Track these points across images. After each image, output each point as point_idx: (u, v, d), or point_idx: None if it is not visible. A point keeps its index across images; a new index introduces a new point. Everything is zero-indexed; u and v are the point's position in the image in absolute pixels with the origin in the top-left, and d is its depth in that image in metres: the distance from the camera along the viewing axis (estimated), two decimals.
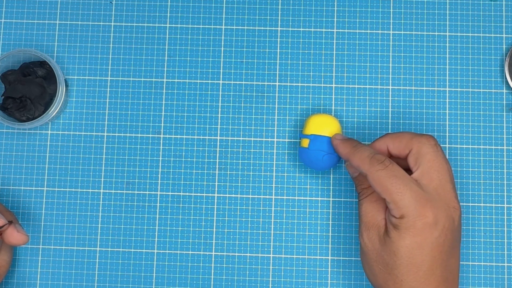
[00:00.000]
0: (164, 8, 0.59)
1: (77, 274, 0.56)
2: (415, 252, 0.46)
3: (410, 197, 0.46)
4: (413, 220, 0.46)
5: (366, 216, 0.49)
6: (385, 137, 0.50)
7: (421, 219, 0.46)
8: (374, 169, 0.47)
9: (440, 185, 0.47)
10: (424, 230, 0.46)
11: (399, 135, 0.49)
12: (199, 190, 0.57)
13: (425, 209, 0.46)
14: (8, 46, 0.59)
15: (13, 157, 0.57)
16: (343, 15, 0.58)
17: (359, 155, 0.49)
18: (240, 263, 0.56)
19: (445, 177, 0.47)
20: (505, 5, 0.58)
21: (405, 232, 0.46)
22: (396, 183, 0.46)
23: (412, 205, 0.46)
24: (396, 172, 0.47)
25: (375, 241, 0.48)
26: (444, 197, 0.47)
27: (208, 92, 0.58)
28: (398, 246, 0.46)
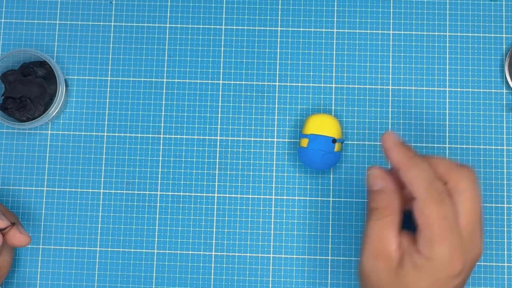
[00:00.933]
0: (164, 8, 0.59)
1: (77, 274, 0.56)
2: None
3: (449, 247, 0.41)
4: (439, 268, 0.42)
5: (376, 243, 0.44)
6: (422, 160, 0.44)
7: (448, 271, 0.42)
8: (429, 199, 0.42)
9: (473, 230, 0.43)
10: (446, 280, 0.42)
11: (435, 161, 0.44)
12: (199, 190, 0.57)
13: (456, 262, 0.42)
14: (8, 46, 0.59)
15: (13, 157, 0.57)
16: (343, 15, 0.58)
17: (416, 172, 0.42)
18: (240, 263, 0.56)
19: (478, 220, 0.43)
20: (505, 5, 0.58)
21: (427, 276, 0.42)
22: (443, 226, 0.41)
23: (447, 255, 0.41)
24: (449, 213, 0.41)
25: (383, 273, 0.43)
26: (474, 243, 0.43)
27: (208, 92, 0.58)
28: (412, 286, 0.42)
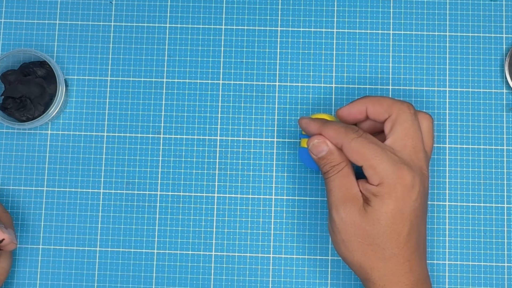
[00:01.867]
0: (164, 8, 0.59)
1: (77, 274, 0.56)
2: (397, 217, 0.47)
3: (388, 161, 0.46)
4: (393, 183, 0.46)
5: (341, 189, 0.48)
6: (364, 99, 0.50)
7: (400, 181, 0.46)
8: (350, 138, 0.47)
9: (414, 152, 0.48)
10: (403, 193, 0.46)
11: (380, 99, 0.49)
12: (199, 190, 0.57)
13: (402, 172, 0.46)
14: (8, 46, 0.59)
15: (13, 157, 0.57)
16: (343, 15, 0.58)
17: (332, 127, 0.49)
18: (240, 263, 0.56)
19: (419, 145, 0.48)
20: (505, 5, 0.58)
21: (387, 197, 0.46)
22: (374, 149, 0.47)
23: (390, 169, 0.46)
24: (372, 139, 0.47)
25: (354, 214, 0.47)
26: (417, 164, 0.47)
27: (208, 92, 0.58)
28: (381, 213, 0.47)
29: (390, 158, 0.47)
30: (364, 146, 0.47)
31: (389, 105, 0.49)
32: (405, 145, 0.48)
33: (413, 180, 0.47)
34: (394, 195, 0.46)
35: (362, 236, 0.47)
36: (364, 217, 0.47)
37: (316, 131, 0.50)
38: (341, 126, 0.49)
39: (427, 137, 0.50)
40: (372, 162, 0.47)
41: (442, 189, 0.56)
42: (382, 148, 0.47)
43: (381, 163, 0.46)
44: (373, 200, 0.47)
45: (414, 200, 0.47)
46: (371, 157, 0.47)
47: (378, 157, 0.46)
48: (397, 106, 0.48)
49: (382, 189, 0.47)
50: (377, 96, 0.50)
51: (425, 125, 0.50)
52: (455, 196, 0.56)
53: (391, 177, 0.46)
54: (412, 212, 0.47)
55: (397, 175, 0.46)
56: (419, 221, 0.48)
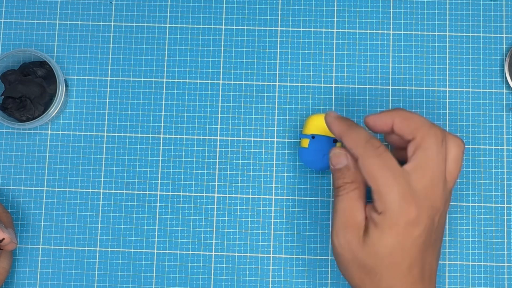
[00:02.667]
0: (164, 8, 0.59)
1: (77, 274, 0.56)
2: (397, 251, 0.45)
3: (397, 193, 0.44)
4: (395, 217, 0.44)
5: (345, 214, 0.47)
6: (394, 112, 0.47)
7: (403, 216, 0.44)
8: (367, 155, 0.45)
9: (431, 185, 0.45)
10: (405, 229, 0.44)
11: (410, 116, 0.46)
12: (199, 190, 0.57)
13: (409, 206, 0.44)
14: (8, 46, 0.59)
15: (13, 157, 0.57)
16: (343, 15, 0.58)
17: (354, 135, 0.46)
18: (240, 263, 0.56)
19: (438, 177, 0.45)
20: (505, 5, 0.58)
21: (387, 230, 0.44)
22: (386, 175, 0.44)
23: (397, 201, 0.44)
24: (389, 163, 0.45)
25: (353, 242, 0.46)
26: (430, 197, 0.45)
27: (208, 92, 0.58)
28: (379, 246, 0.45)
29: (400, 189, 0.44)
30: (378, 168, 0.44)
31: (417, 126, 0.46)
32: (424, 175, 0.45)
33: (418, 217, 0.44)
34: (395, 230, 0.44)
35: (359, 265, 0.46)
36: (363, 247, 0.45)
37: (338, 135, 0.48)
38: (363, 138, 0.46)
39: (453, 166, 0.47)
40: (380, 189, 0.44)
41: None
42: (396, 176, 0.44)
43: (389, 193, 0.44)
44: (373, 231, 0.45)
45: (417, 236, 0.45)
46: (381, 184, 0.44)
47: (388, 185, 0.44)
48: (424, 130, 0.46)
49: (384, 220, 0.44)
50: (408, 112, 0.47)
51: (454, 152, 0.47)
52: (455, 196, 0.56)
53: (396, 210, 0.44)
54: (414, 247, 0.45)
55: (402, 209, 0.44)
56: (424, 255, 0.46)
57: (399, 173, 0.45)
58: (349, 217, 0.47)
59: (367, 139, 0.46)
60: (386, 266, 0.45)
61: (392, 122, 0.47)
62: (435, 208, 0.45)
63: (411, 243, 0.45)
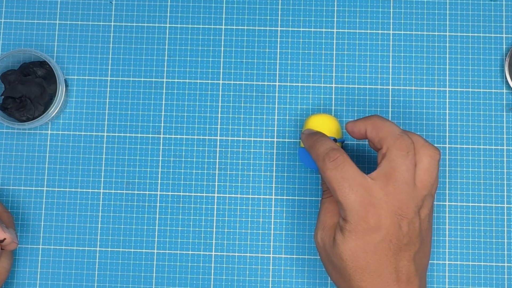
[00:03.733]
0: (164, 8, 0.59)
1: (77, 274, 0.56)
2: (359, 255, 0.46)
3: (354, 202, 0.46)
4: (355, 223, 0.46)
5: (325, 216, 0.50)
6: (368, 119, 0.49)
7: (362, 224, 0.46)
8: (325, 168, 0.47)
9: (393, 193, 0.46)
10: (365, 235, 0.46)
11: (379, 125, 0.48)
12: (199, 190, 0.57)
13: (367, 214, 0.46)
14: (8, 46, 0.59)
15: (13, 157, 0.57)
16: (343, 15, 0.58)
17: (315, 149, 0.48)
18: (240, 263, 0.56)
19: (402, 187, 0.46)
20: (505, 5, 0.58)
21: (348, 235, 0.46)
22: (343, 186, 0.46)
23: (355, 209, 0.46)
24: (346, 173, 0.46)
25: (326, 243, 0.48)
26: (393, 204, 0.46)
27: (208, 92, 0.58)
28: (342, 249, 0.46)
29: (358, 197, 0.46)
30: (334, 180, 0.46)
31: (384, 136, 0.47)
32: (386, 183, 0.46)
33: (378, 223, 0.46)
34: (355, 235, 0.46)
35: (332, 264, 0.48)
36: (332, 248, 0.48)
37: (307, 148, 0.50)
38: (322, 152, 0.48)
39: (424, 174, 0.47)
40: (339, 198, 0.46)
41: (442, 189, 0.56)
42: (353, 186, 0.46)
43: (346, 202, 0.46)
44: (338, 235, 0.47)
45: (379, 241, 0.46)
46: (339, 194, 0.46)
47: (345, 195, 0.46)
48: (390, 140, 0.47)
49: (346, 226, 0.46)
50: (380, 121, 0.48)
51: (425, 162, 0.48)
52: (455, 196, 0.56)
53: (354, 216, 0.46)
54: (378, 251, 0.46)
55: (360, 216, 0.46)
56: (393, 259, 0.46)
57: (357, 182, 0.46)
58: (327, 218, 0.50)
59: (326, 152, 0.48)
60: (351, 268, 0.47)
61: (365, 130, 0.49)
62: (399, 215, 0.46)
63: (374, 247, 0.46)
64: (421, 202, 0.47)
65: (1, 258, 0.52)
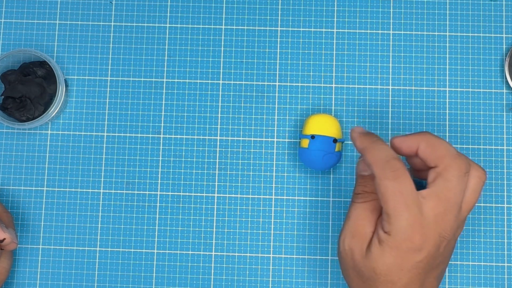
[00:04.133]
0: (164, 8, 0.59)
1: (77, 274, 0.56)
2: (394, 271, 0.45)
3: (405, 220, 0.44)
4: (399, 241, 0.44)
5: (356, 223, 0.47)
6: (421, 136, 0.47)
7: (407, 243, 0.44)
8: (384, 176, 0.45)
9: (443, 213, 0.45)
10: (407, 254, 0.45)
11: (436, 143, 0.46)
12: (199, 190, 0.57)
13: (414, 234, 0.44)
14: (8, 46, 0.59)
15: (13, 157, 0.57)
16: (343, 15, 0.58)
17: (375, 153, 0.46)
18: (240, 263, 0.56)
19: (452, 209, 0.45)
20: (505, 5, 0.58)
21: (388, 251, 0.45)
22: (398, 200, 0.44)
23: (403, 228, 0.44)
24: (404, 188, 0.44)
25: (356, 252, 0.47)
26: (441, 225, 0.45)
27: (208, 92, 0.58)
28: (378, 263, 0.45)
29: (410, 217, 0.44)
30: (392, 192, 0.44)
31: (442, 155, 0.45)
32: (439, 204, 0.45)
33: (422, 244, 0.44)
34: (396, 252, 0.44)
35: (358, 273, 0.47)
36: (363, 259, 0.46)
37: (360, 150, 0.48)
38: (383, 157, 0.45)
39: (471, 196, 0.46)
40: (390, 212, 0.44)
41: None
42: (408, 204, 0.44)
43: (397, 218, 0.44)
44: (376, 246, 0.45)
45: (418, 261, 0.45)
46: (391, 207, 0.44)
47: (398, 211, 0.44)
48: (449, 160, 0.45)
49: (388, 240, 0.45)
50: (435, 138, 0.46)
51: (473, 183, 0.46)
52: None
53: (401, 235, 0.44)
54: (413, 270, 0.45)
55: (407, 235, 0.44)
56: (423, 276, 0.46)
57: (412, 200, 0.44)
58: (358, 226, 0.47)
59: (388, 159, 0.45)
60: (382, 282, 0.46)
61: (417, 147, 0.47)
62: (443, 236, 0.45)
63: (411, 266, 0.45)
64: (462, 222, 0.47)
65: (1, 258, 0.52)
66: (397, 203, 0.44)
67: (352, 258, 0.47)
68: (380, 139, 0.47)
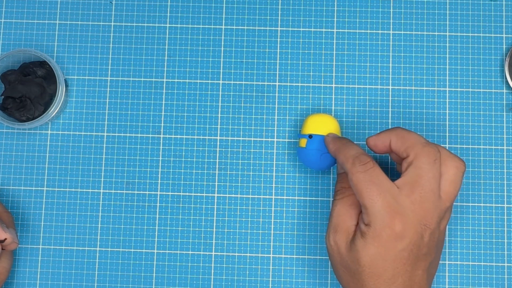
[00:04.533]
0: (164, 8, 0.59)
1: (77, 274, 0.56)
2: (378, 262, 0.46)
3: (381, 206, 0.45)
4: (379, 229, 0.45)
5: (337, 218, 0.49)
6: (391, 131, 0.49)
7: (386, 230, 0.45)
8: (354, 170, 0.47)
9: (419, 201, 0.46)
10: (388, 242, 0.45)
11: (405, 135, 0.48)
12: (199, 190, 0.57)
13: (393, 221, 0.45)
14: (8, 46, 0.59)
15: (13, 157, 0.57)
16: (343, 15, 0.58)
17: (344, 152, 0.49)
18: (240, 263, 0.56)
19: (428, 196, 0.46)
20: (505, 5, 0.58)
21: (370, 241, 0.46)
22: (371, 189, 0.46)
23: (381, 215, 0.45)
24: (375, 178, 0.46)
25: (341, 246, 0.48)
26: (419, 212, 0.46)
27: (208, 92, 0.58)
28: (361, 255, 0.46)
29: (385, 203, 0.45)
30: (363, 183, 0.46)
31: (411, 144, 0.47)
32: (413, 191, 0.46)
33: (403, 231, 0.45)
34: (378, 241, 0.45)
35: (345, 267, 0.48)
36: (348, 252, 0.47)
37: (332, 153, 0.51)
38: (352, 154, 0.48)
39: (450, 186, 0.47)
40: (365, 202, 0.46)
41: None
42: (381, 191, 0.46)
43: (373, 206, 0.45)
44: (358, 240, 0.46)
45: (401, 249, 0.46)
46: (366, 197, 0.46)
47: (372, 199, 0.45)
48: (418, 148, 0.47)
49: (368, 231, 0.46)
50: (405, 131, 0.48)
51: (451, 172, 0.47)
52: None
53: (379, 223, 0.45)
54: (397, 259, 0.46)
55: (386, 222, 0.45)
56: (409, 267, 0.46)
57: (386, 188, 0.46)
58: (340, 221, 0.49)
59: (356, 155, 0.48)
60: (367, 274, 0.46)
61: (389, 141, 0.49)
62: (423, 224, 0.46)
63: (394, 255, 0.46)
64: (444, 213, 0.47)
65: (2, 258, 0.52)
66: (370, 192, 0.46)
67: (339, 252, 0.48)
68: (350, 141, 0.50)
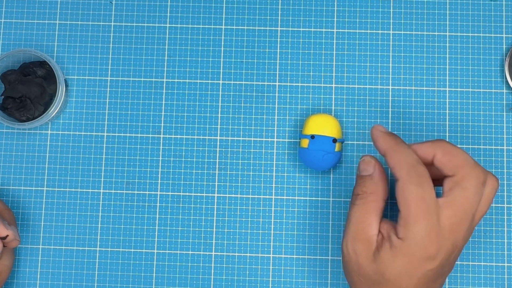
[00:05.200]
0: (164, 8, 0.59)
1: (77, 274, 0.56)
2: (403, 277, 0.44)
3: (424, 228, 0.43)
4: (414, 248, 0.43)
5: (357, 226, 0.46)
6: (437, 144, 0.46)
7: (422, 250, 0.43)
8: (409, 180, 0.44)
9: (458, 225, 0.44)
10: (419, 261, 0.44)
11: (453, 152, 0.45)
12: (199, 190, 0.57)
13: (431, 243, 0.43)
14: (8, 46, 0.59)
15: (13, 157, 0.57)
16: (343, 15, 0.58)
17: (399, 156, 0.45)
18: (240, 263, 0.56)
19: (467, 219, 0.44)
20: (505, 5, 0.58)
21: (400, 256, 0.44)
22: (421, 207, 0.43)
23: (420, 236, 0.43)
24: (428, 195, 0.43)
25: (361, 255, 0.46)
26: (455, 235, 0.44)
27: (208, 92, 0.58)
28: (388, 269, 0.44)
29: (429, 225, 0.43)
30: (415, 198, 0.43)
31: (460, 164, 0.44)
32: (455, 214, 0.44)
33: (436, 254, 0.44)
34: (409, 259, 0.44)
35: (364, 277, 0.46)
36: (371, 262, 0.45)
37: (382, 151, 0.46)
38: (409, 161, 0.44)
39: (484, 206, 0.46)
40: (409, 218, 0.43)
41: None
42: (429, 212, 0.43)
43: (416, 225, 0.43)
44: (386, 251, 0.44)
45: (429, 270, 0.44)
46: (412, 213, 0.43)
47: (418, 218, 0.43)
48: (467, 170, 0.44)
49: (401, 246, 0.44)
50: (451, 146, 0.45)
51: (488, 192, 0.45)
52: None
53: (415, 243, 0.43)
54: (422, 278, 0.44)
55: (423, 243, 0.43)
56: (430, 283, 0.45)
57: (433, 208, 0.43)
58: (360, 229, 0.46)
59: (413, 164, 0.44)
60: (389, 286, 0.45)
61: (433, 155, 0.46)
62: (455, 246, 0.45)
63: (421, 274, 0.44)
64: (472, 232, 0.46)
65: (3, 256, 0.52)
66: (419, 209, 0.43)
67: (357, 261, 0.46)
68: (403, 142, 0.46)
